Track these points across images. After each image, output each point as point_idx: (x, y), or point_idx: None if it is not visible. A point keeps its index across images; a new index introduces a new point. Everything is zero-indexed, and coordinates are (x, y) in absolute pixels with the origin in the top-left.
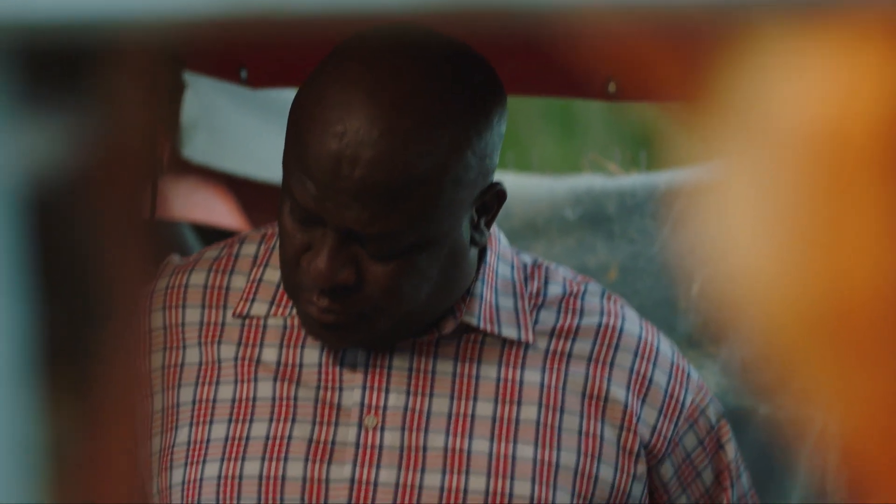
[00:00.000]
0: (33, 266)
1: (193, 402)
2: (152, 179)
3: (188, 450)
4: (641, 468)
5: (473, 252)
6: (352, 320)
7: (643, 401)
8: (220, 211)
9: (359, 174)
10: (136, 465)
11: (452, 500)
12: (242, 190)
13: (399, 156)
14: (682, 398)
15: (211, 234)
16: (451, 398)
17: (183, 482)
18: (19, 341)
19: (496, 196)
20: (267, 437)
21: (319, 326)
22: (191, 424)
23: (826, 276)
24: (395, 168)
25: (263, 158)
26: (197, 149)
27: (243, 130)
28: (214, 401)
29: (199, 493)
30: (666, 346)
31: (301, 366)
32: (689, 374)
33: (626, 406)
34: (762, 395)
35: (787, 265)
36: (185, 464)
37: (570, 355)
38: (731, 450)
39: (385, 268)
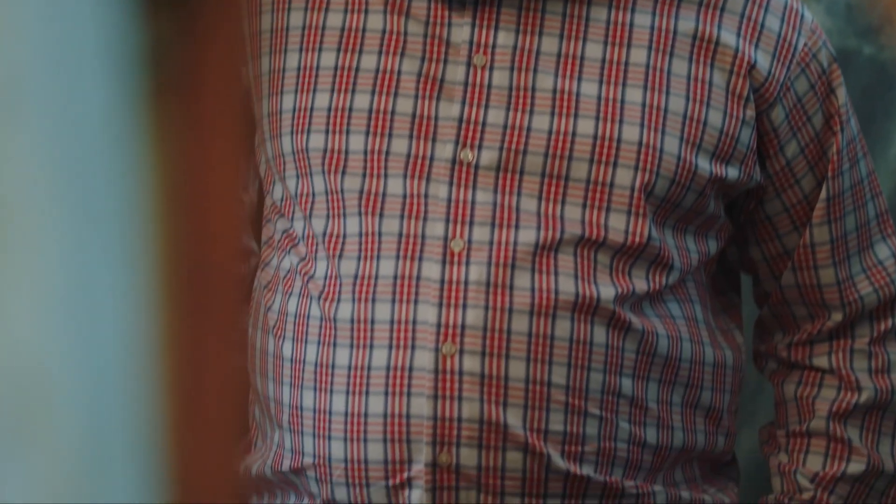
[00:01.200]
0: None
1: (303, 28)
2: None
3: (298, 75)
4: (750, 113)
5: None
6: None
7: (755, 45)
8: None
9: None
10: (240, 75)
11: (560, 143)
12: None
13: None
14: (794, 42)
15: None
16: (561, 38)
17: (294, 109)
18: None
19: None
20: (377, 70)
21: None
22: (300, 50)
23: None
24: None
25: None
26: None
27: None
28: (324, 28)
29: (310, 122)
30: None
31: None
32: (802, 17)
33: (736, 51)
34: (866, 36)
35: None
36: (296, 90)
37: None
38: (841, 94)
39: None
